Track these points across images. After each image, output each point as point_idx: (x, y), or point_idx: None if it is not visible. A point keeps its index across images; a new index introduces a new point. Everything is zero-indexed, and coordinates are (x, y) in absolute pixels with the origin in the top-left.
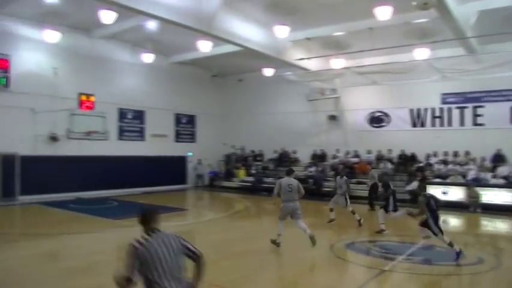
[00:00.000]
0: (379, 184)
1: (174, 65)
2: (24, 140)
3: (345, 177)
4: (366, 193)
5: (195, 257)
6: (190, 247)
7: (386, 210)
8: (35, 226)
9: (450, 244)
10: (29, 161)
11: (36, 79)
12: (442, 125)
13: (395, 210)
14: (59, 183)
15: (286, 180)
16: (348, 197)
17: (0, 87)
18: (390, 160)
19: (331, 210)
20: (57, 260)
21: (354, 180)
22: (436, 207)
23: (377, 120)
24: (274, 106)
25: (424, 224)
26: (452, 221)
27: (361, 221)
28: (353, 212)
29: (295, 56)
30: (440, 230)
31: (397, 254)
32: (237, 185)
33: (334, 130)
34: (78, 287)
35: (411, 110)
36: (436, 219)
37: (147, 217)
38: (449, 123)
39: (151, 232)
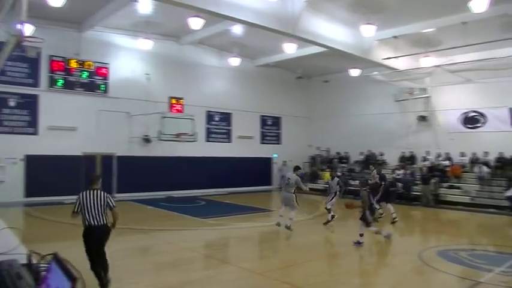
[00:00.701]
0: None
1: (260, 68)
2: (120, 141)
3: (336, 178)
4: (458, 198)
5: (111, 207)
6: (111, 203)
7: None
8: (129, 222)
9: (377, 232)
10: (125, 161)
11: (130, 85)
12: None
13: (386, 201)
14: (151, 182)
15: (289, 175)
16: (334, 197)
17: (100, 93)
18: (486, 163)
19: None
20: (148, 255)
21: (445, 185)
22: (372, 201)
23: (471, 120)
24: (361, 107)
25: (363, 217)
26: None
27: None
28: (328, 211)
29: (381, 55)
30: (372, 221)
31: (495, 265)
32: (322, 187)
33: (423, 131)
34: (167, 282)
35: (511, 110)
36: (372, 212)
37: (91, 181)
38: None
39: (91, 189)
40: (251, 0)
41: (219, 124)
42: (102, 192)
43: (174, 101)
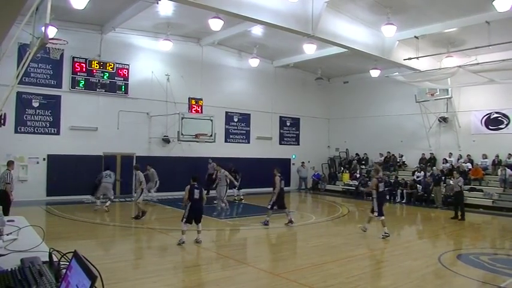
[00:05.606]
0: None
1: (279, 69)
2: (140, 141)
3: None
4: (480, 201)
5: (7, 182)
6: (7, 179)
7: None
8: (148, 222)
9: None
10: (144, 161)
11: (150, 85)
12: None
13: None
14: (170, 182)
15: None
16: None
17: (121, 93)
18: (510, 166)
19: None
20: (167, 254)
21: (467, 187)
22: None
23: (494, 122)
24: (381, 108)
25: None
26: None
27: None
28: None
29: (402, 55)
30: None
31: None
32: (340, 188)
33: (445, 133)
34: (185, 282)
35: None
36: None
37: (10, 165)
38: None
39: (8, 170)
40: (271, 1)
41: (238, 125)
42: (5, 171)
43: (193, 101)
